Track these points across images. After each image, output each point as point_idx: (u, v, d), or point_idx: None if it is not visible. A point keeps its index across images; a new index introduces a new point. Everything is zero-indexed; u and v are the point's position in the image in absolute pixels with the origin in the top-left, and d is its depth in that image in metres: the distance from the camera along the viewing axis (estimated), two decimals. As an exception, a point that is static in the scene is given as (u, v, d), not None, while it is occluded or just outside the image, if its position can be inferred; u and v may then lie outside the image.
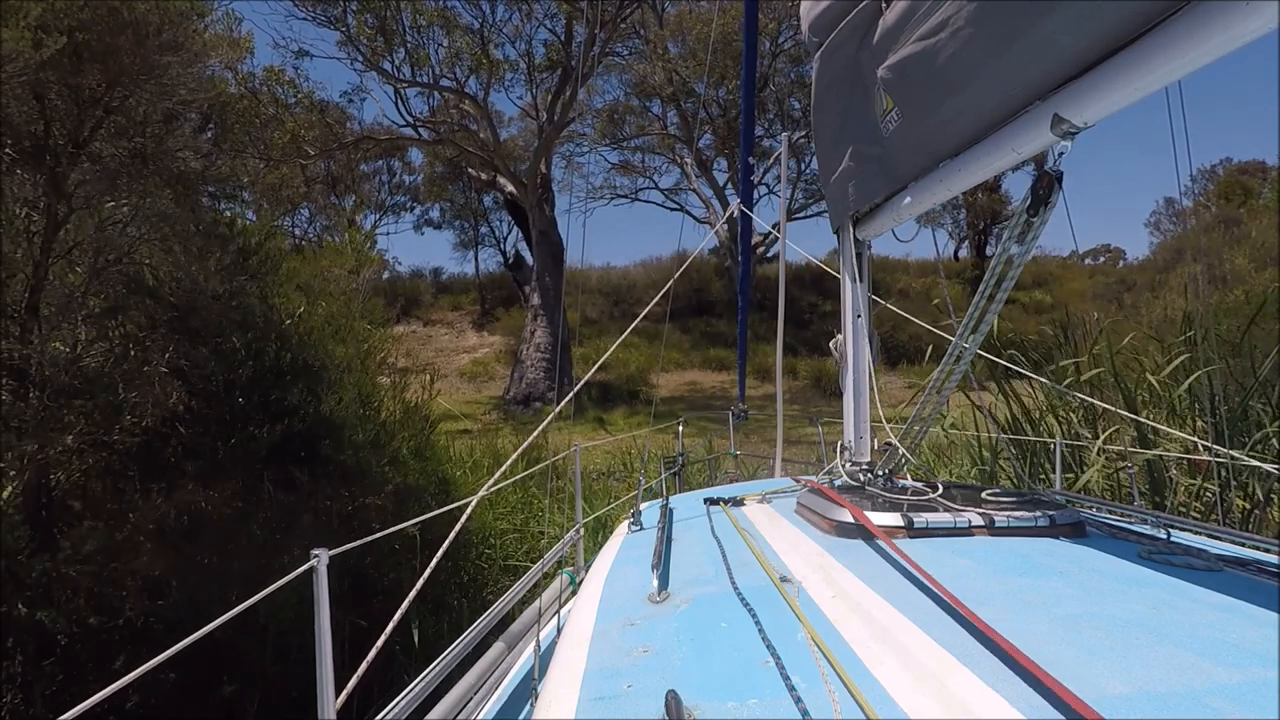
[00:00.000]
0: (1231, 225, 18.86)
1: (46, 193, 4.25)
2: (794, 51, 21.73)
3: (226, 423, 5.36)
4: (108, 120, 4.45)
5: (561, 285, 20.52)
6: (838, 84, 2.39)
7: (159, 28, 4.41)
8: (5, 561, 4.09)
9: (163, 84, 4.47)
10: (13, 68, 3.65)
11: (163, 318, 4.90)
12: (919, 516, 1.75)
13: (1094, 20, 1.36)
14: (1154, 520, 1.97)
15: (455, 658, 2.41)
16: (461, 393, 21.62)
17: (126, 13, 4.18)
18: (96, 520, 4.72)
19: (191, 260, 4.96)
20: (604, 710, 1.09)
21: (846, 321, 2.66)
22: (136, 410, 4.45)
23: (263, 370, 5.68)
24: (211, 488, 5.06)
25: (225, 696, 4.89)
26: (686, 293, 27.79)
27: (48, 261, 4.31)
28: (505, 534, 7.56)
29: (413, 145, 24.84)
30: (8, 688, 4.15)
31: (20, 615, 4.09)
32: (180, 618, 4.63)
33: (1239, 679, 0.98)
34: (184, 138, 5.01)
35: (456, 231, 34.22)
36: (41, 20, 3.87)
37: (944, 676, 1.03)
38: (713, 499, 2.59)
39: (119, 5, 4.18)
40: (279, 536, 5.29)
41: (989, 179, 1.99)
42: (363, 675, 1.87)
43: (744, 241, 6.51)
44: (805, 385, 21.47)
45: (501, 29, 19.54)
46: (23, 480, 4.28)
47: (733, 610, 1.41)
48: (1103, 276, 30.54)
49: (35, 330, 4.27)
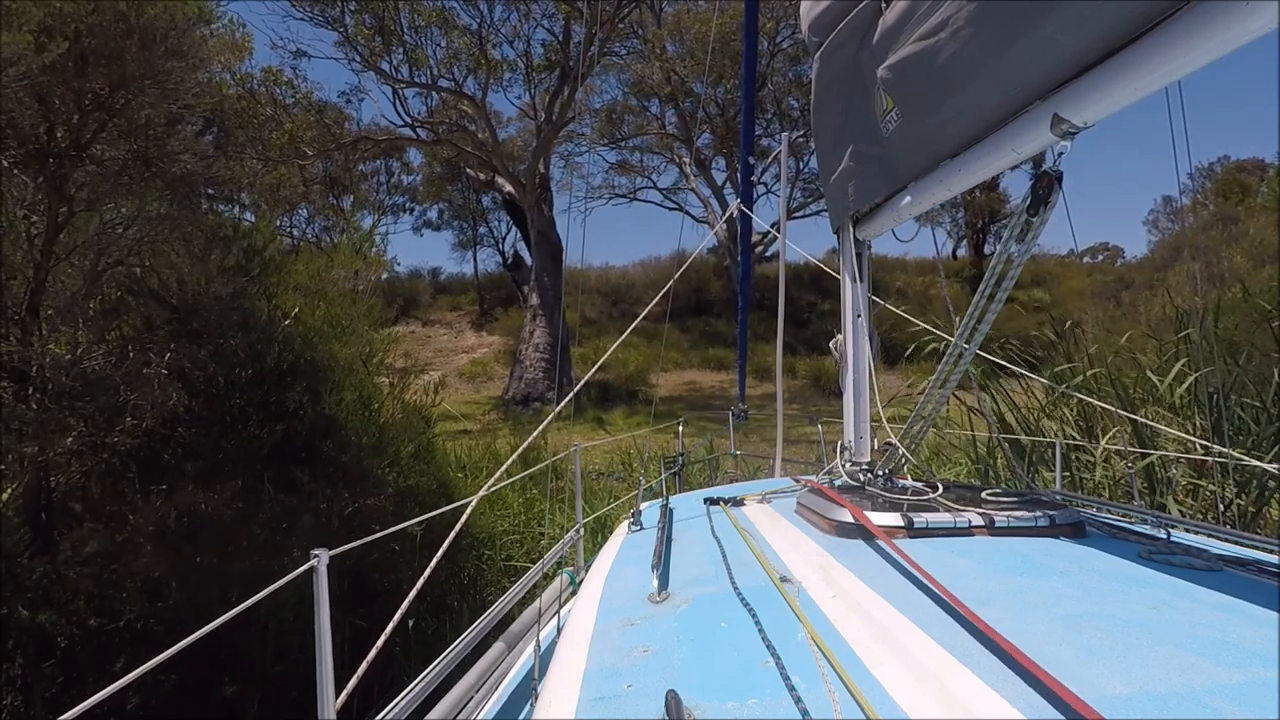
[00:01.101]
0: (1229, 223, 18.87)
1: (48, 195, 4.24)
2: (792, 51, 21.73)
3: (227, 424, 5.36)
4: (110, 123, 4.45)
5: (560, 285, 20.52)
6: (838, 84, 2.39)
7: (165, 33, 4.42)
8: (5, 564, 4.08)
9: (166, 88, 4.47)
10: (15, 71, 3.64)
11: (163, 319, 4.91)
12: (919, 516, 1.75)
13: (1094, 20, 1.36)
14: (1154, 520, 1.97)
15: (455, 658, 2.41)
16: (460, 393, 21.60)
17: (134, 17, 4.18)
18: (97, 522, 4.72)
19: (192, 262, 4.96)
20: (604, 710, 1.09)
21: (846, 321, 2.66)
22: (136, 412, 4.45)
23: (264, 371, 5.68)
24: (212, 489, 5.06)
25: (226, 697, 4.90)
26: (685, 292, 27.80)
27: (49, 264, 4.31)
28: (505, 534, 7.56)
29: (411, 145, 24.82)
30: (8, 690, 4.15)
31: (21, 618, 4.09)
32: (180, 619, 4.63)
33: (1239, 679, 0.98)
34: (185, 141, 5.01)
35: (455, 232, 34.24)
36: (44, 24, 3.86)
37: (944, 676, 1.03)
38: (713, 499, 2.59)
39: (126, 10, 4.18)
40: (279, 537, 5.29)
41: (989, 178, 1.99)
42: (363, 675, 1.87)
43: (744, 241, 6.50)
44: (804, 384, 21.48)
45: (499, 29, 19.55)
46: (23, 482, 4.28)
47: (733, 610, 1.41)
48: (1101, 275, 30.53)
49: (36, 332, 4.27)
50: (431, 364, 21.91)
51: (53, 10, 3.96)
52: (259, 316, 5.66)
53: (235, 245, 5.59)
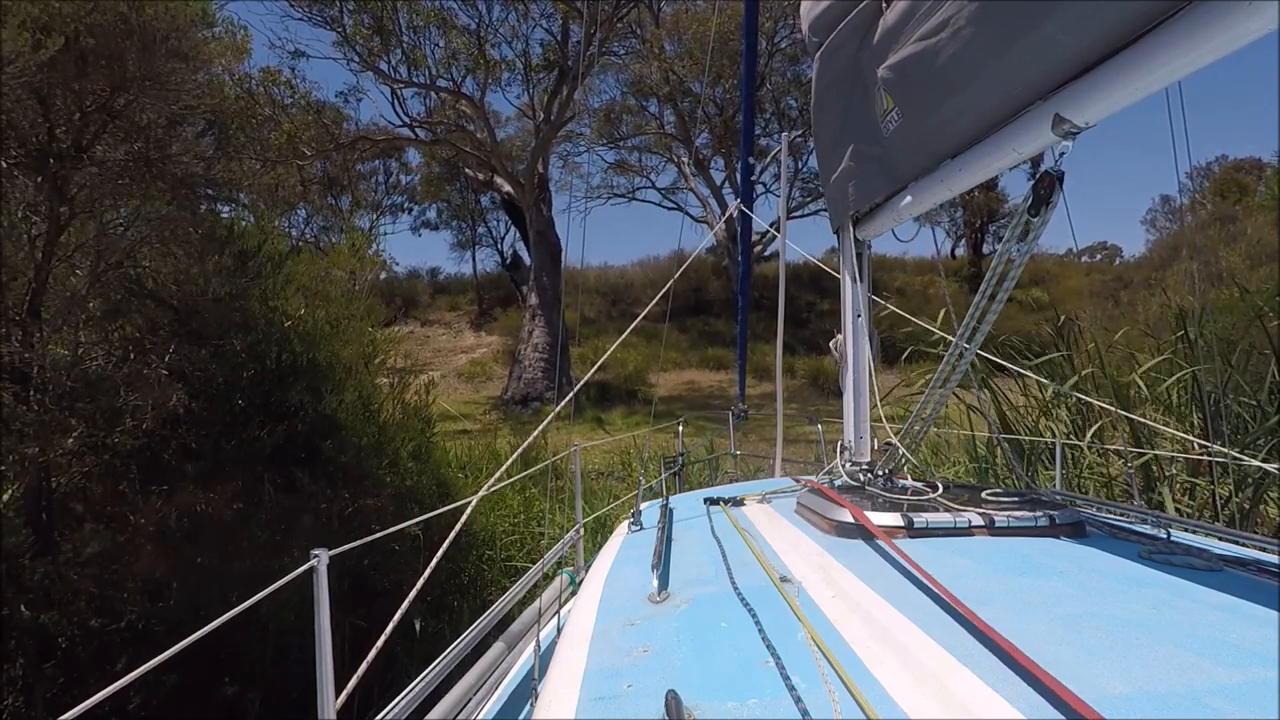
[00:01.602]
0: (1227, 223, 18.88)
1: (49, 196, 4.25)
2: (790, 50, 21.75)
3: (227, 424, 5.37)
4: (111, 124, 4.45)
5: (559, 285, 20.51)
6: (838, 84, 2.39)
7: (166, 35, 4.42)
8: (7, 564, 4.08)
9: (167, 89, 4.47)
10: (13, 69, 3.64)
11: (164, 320, 4.91)
12: (919, 516, 1.75)
13: (1095, 20, 1.36)
14: (1154, 520, 1.97)
15: (455, 658, 2.41)
16: (459, 393, 21.59)
17: (134, 18, 4.18)
18: (97, 523, 4.72)
19: (192, 263, 4.96)
20: (604, 710, 1.09)
21: (846, 321, 2.66)
22: (137, 413, 4.46)
23: (264, 372, 5.68)
24: (212, 489, 5.07)
25: (227, 697, 4.90)
26: (684, 292, 27.79)
27: (49, 265, 4.31)
28: (506, 534, 7.57)
29: (409, 145, 24.82)
30: (9, 690, 4.14)
31: (24, 618, 4.09)
32: (181, 619, 4.63)
33: (1239, 679, 0.98)
34: (186, 142, 5.02)
35: (454, 232, 34.22)
36: (41, 21, 3.86)
37: (944, 676, 1.03)
38: (713, 499, 2.59)
39: (127, 11, 4.18)
40: (279, 538, 5.30)
41: (989, 178, 1.99)
42: (363, 675, 1.87)
43: (744, 241, 6.49)
44: (803, 384, 21.49)
45: (498, 29, 19.54)
46: (24, 483, 4.28)
47: (733, 610, 1.41)
48: (1099, 274, 30.52)
49: (37, 333, 4.26)
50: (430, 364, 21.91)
51: (50, 9, 3.95)
52: (259, 317, 5.66)
53: (234, 246, 5.59)
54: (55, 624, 4.26)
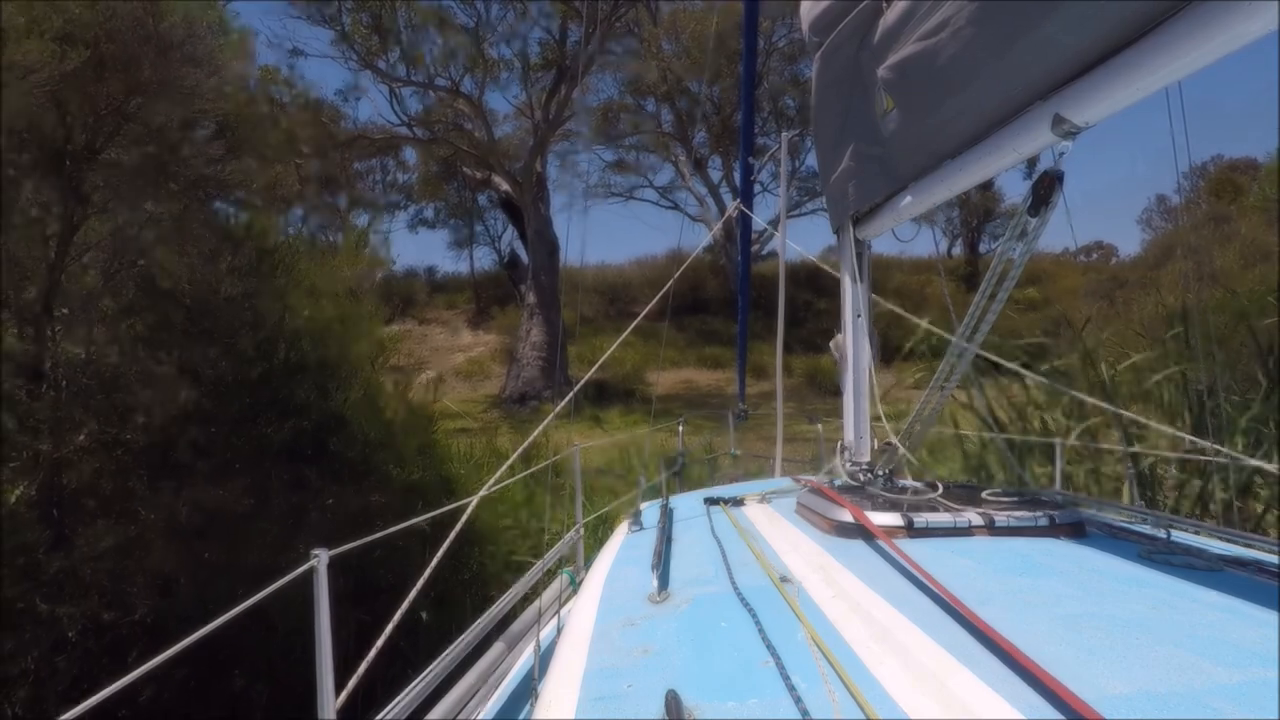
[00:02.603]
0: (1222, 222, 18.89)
1: (64, 197, 4.26)
2: (788, 49, 21.74)
3: (237, 421, 5.38)
4: (125, 127, 4.46)
5: (557, 283, 20.49)
6: (838, 84, 2.39)
7: (182, 41, 4.43)
8: (23, 559, 4.09)
9: (181, 93, 4.49)
10: (37, 78, 3.64)
11: (175, 319, 4.92)
12: (919, 516, 1.75)
13: (1095, 20, 1.36)
14: (1154, 520, 1.98)
15: (455, 658, 2.40)
16: (458, 391, 21.54)
17: (152, 24, 4.18)
18: (109, 518, 4.73)
19: (204, 262, 4.98)
20: (604, 710, 1.09)
21: (846, 321, 2.66)
22: (148, 410, 4.47)
23: (273, 369, 5.70)
24: (221, 485, 5.09)
25: (234, 692, 4.91)
26: (681, 290, 27.51)
27: (64, 264, 4.32)
28: (508, 530, 7.58)
29: (407, 144, 24.76)
30: (21, 683, 4.14)
31: (40, 611, 4.09)
32: (191, 614, 4.63)
33: (1239, 679, 0.98)
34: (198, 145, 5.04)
35: (451, 230, 34.11)
36: (64, 31, 3.87)
37: (944, 676, 1.03)
38: (713, 499, 2.59)
39: (144, 17, 4.18)
40: (288, 533, 5.31)
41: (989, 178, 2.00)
42: (365, 673, 1.87)
43: (744, 241, 6.48)
44: (800, 382, 21.48)
45: (496, 28, 19.54)
46: (37, 479, 4.28)
47: (733, 610, 1.41)
48: (1095, 274, 30.53)
49: (51, 331, 4.27)
50: (428, 362, 21.86)
51: (72, 18, 3.96)
52: (268, 316, 5.68)
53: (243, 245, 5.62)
54: (69, 617, 4.27)
